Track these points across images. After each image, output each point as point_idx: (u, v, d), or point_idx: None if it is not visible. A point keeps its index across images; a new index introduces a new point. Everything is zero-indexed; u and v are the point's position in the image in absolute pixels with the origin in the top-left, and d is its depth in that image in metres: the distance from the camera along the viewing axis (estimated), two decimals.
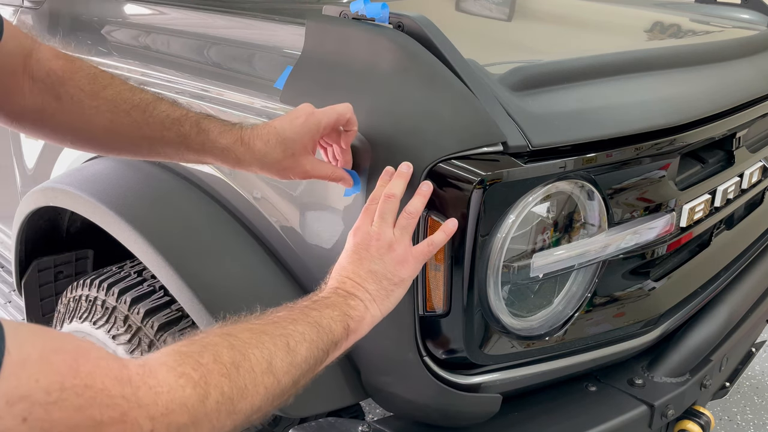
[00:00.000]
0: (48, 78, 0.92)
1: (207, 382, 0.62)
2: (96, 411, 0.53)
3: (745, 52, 1.49)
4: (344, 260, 0.89)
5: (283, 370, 0.71)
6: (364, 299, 0.85)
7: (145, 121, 0.95)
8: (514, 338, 1.02)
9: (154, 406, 0.57)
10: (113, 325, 1.30)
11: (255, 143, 0.95)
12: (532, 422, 1.09)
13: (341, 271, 0.88)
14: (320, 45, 1.07)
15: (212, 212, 1.21)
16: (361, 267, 0.87)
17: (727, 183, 1.28)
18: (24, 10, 1.69)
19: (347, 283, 0.86)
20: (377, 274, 0.87)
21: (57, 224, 1.62)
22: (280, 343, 0.72)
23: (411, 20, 0.98)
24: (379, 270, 0.87)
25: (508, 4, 1.99)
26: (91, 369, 0.54)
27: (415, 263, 0.89)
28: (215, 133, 0.95)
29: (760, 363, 2.64)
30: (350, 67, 1.03)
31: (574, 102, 1.04)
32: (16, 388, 0.48)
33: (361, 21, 1.02)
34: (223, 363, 0.65)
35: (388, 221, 0.89)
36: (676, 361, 1.20)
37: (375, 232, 0.88)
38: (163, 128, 0.95)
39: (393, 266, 0.88)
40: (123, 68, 1.38)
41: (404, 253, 0.88)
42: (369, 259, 0.87)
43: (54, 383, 0.50)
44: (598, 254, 1.03)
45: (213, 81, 1.21)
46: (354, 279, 0.86)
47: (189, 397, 0.60)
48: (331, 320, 0.80)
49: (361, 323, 0.84)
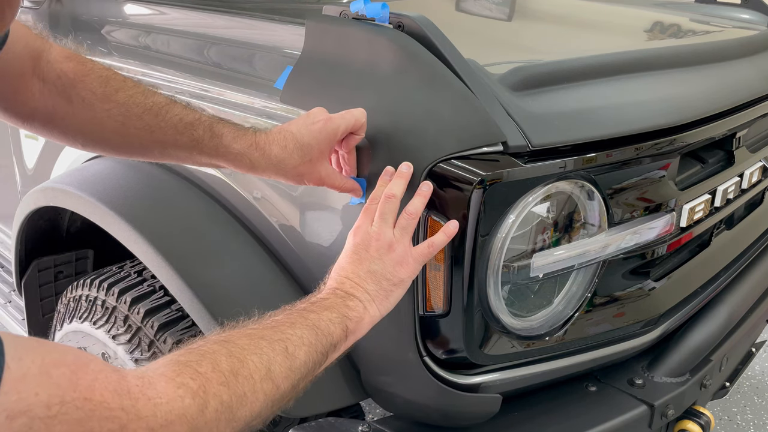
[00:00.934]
0: (59, 80, 0.92)
1: (206, 391, 0.62)
2: (96, 424, 0.53)
3: (745, 52, 1.49)
4: (343, 260, 0.89)
5: (282, 375, 0.71)
6: (363, 300, 0.85)
7: (158, 125, 0.94)
8: (514, 338, 1.02)
9: (153, 417, 0.57)
10: (113, 325, 1.30)
11: (271, 148, 0.94)
12: (532, 422, 1.09)
13: (340, 271, 0.88)
14: (320, 45, 1.07)
15: (212, 212, 1.21)
16: (361, 267, 0.87)
17: (727, 183, 1.28)
18: (24, 10, 1.69)
19: (346, 283, 0.86)
20: (377, 275, 0.87)
21: (57, 224, 1.62)
22: (279, 348, 0.72)
23: (411, 20, 0.98)
24: (378, 270, 0.87)
25: (508, 4, 1.99)
26: (90, 382, 0.54)
27: (415, 264, 0.89)
28: (229, 138, 0.94)
29: (760, 363, 2.64)
30: (350, 66, 1.03)
31: (574, 102, 1.04)
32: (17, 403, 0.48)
33: (361, 21, 1.02)
34: (221, 371, 0.65)
35: (389, 221, 0.89)
36: (676, 361, 1.20)
37: (375, 232, 0.88)
38: (176, 132, 0.94)
39: (392, 267, 0.87)
40: (123, 68, 1.38)
41: (404, 253, 0.88)
42: (368, 260, 0.87)
43: (54, 397, 0.51)
44: (598, 254, 1.03)
45: (213, 81, 1.21)
46: (353, 279, 0.86)
47: (188, 408, 0.60)
48: (330, 322, 0.79)
49: (360, 324, 0.83)
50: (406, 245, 0.89)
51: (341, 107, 0.95)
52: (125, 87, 0.94)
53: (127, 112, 0.93)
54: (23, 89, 0.91)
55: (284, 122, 1.09)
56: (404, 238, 0.89)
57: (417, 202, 0.90)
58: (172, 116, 0.94)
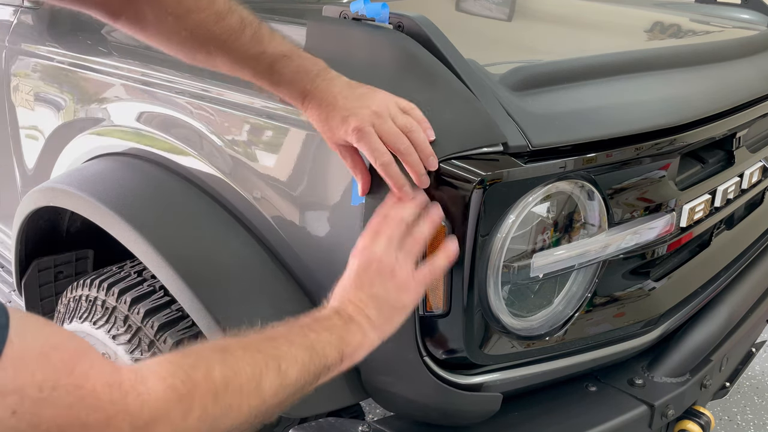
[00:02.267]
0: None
1: (193, 397, 0.63)
2: (83, 412, 0.53)
3: (745, 52, 1.49)
4: (347, 282, 0.88)
5: (271, 391, 0.71)
6: (363, 326, 0.84)
7: (221, 54, 0.90)
8: (514, 338, 1.02)
9: (139, 413, 0.57)
10: (113, 325, 1.30)
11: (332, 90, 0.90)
12: (532, 422, 1.09)
13: (343, 293, 0.87)
14: (321, 46, 1.07)
15: (212, 212, 1.21)
16: (363, 291, 0.86)
17: (727, 183, 1.28)
18: (24, 10, 1.69)
19: (348, 306, 0.85)
20: (379, 299, 0.86)
21: (57, 224, 1.62)
22: (272, 364, 0.72)
23: (411, 20, 0.98)
24: (381, 295, 0.86)
25: (508, 4, 1.99)
26: (85, 370, 0.54)
27: (417, 289, 0.89)
28: (288, 77, 0.90)
29: (760, 363, 2.64)
30: (351, 68, 1.03)
31: (574, 102, 1.04)
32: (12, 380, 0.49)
33: (361, 21, 1.02)
34: (212, 379, 0.65)
35: (393, 245, 0.87)
36: (676, 361, 1.20)
37: (378, 255, 0.87)
38: (237, 63, 0.91)
39: (395, 292, 0.87)
40: (123, 68, 1.38)
41: (407, 278, 0.87)
42: (370, 284, 0.86)
43: (48, 380, 0.51)
44: (598, 254, 1.03)
45: (213, 81, 1.21)
46: (356, 303, 0.86)
47: (173, 410, 0.61)
48: (327, 344, 0.79)
49: (358, 350, 0.84)
50: (408, 270, 0.88)
51: None
52: (198, 8, 0.88)
53: (192, 37, 0.89)
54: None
55: (283, 122, 1.10)
56: (407, 263, 0.88)
57: (425, 228, 0.89)
58: (239, 46, 0.90)
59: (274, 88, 0.93)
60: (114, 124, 1.41)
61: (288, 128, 1.09)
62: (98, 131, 1.44)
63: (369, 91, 0.91)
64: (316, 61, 0.92)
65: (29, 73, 1.64)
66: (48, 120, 1.58)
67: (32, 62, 1.62)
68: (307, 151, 1.08)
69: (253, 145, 1.14)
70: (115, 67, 1.40)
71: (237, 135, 1.16)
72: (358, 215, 0.99)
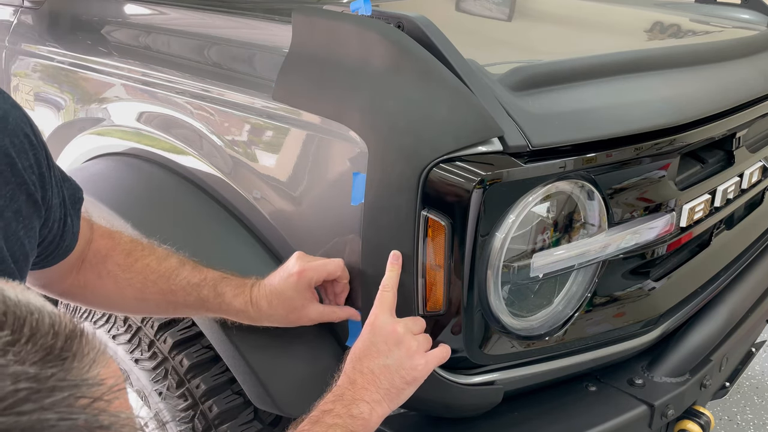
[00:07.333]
0: (94, 258, 1.00)
1: None
2: None
3: (745, 52, 1.49)
4: (360, 351, 0.91)
5: None
6: (371, 401, 0.87)
7: (170, 289, 1.01)
8: (514, 338, 1.02)
9: None
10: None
11: (261, 304, 1.00)
12: (532, 422, 1.09)
13: (356, 362, 0.90)
14: (309, 40, 1.06)
15: (212, 212, 1.21)
16: (375, 361, 0.89)
17: (727, 183, 1.28)
18: (24, 10, 1.69)
19: (358, 380, 0.88)
20: (390, 369, 0.89)
21: None
22: None
23: (411, 21, 0.98)
24: (392, 365, 0.89)
25: (508, 4, 1.99)
26: None
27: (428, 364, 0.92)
28: (230, 296, 1.01)
29: (760, 363, 2.64)
30: (342, 64, 1.02)
31: (574, 102, 1.04)
32: None
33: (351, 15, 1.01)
34: None
35: (392, 312, 0.93)
36: (676, 361, 1.20)
37: (383, 324, 0.91)
38: (185, 294, 1.01)
39: (406, 359, 0.90)
40: (123, 68, 1.38)
41: (417, 349, 0.92)
42: (380, 354, 0.90)
43: None
44: (598, 254, 1.03)
45: (213, 81, 1.21)
46: (366, 375, 0.89)
47: None
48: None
49: (367, 426, 0.86)
50: (420, 342, 0.92)
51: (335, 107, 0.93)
52: (143, 256, 1.02)
53: (144, 279, 1.01)
54: (71, 271, 0.98)
55: (283, 122, 1.10)
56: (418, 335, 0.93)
57: (389, 276, 0.94)
58: (181, 279, 1.01)
59: (218, 308, 1.03)
60: (114, 124, 1.41)
61: (288, 128, 1.09)
62: (98, 131, 1.44)
63: None
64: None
65: (29, 73, 1.64)
66: (48, 120, 1.58)
67: (32, 62, 1.62)
68: (307, 151, 1.08)
69: (253, 145, 1.14)
70: (115, 67, 1.40)
71: (237, 135, 1.16)
72: (357, 215, 0.99)
